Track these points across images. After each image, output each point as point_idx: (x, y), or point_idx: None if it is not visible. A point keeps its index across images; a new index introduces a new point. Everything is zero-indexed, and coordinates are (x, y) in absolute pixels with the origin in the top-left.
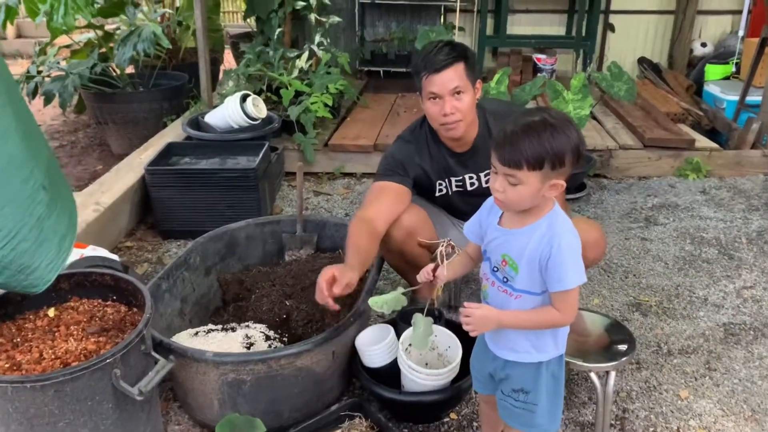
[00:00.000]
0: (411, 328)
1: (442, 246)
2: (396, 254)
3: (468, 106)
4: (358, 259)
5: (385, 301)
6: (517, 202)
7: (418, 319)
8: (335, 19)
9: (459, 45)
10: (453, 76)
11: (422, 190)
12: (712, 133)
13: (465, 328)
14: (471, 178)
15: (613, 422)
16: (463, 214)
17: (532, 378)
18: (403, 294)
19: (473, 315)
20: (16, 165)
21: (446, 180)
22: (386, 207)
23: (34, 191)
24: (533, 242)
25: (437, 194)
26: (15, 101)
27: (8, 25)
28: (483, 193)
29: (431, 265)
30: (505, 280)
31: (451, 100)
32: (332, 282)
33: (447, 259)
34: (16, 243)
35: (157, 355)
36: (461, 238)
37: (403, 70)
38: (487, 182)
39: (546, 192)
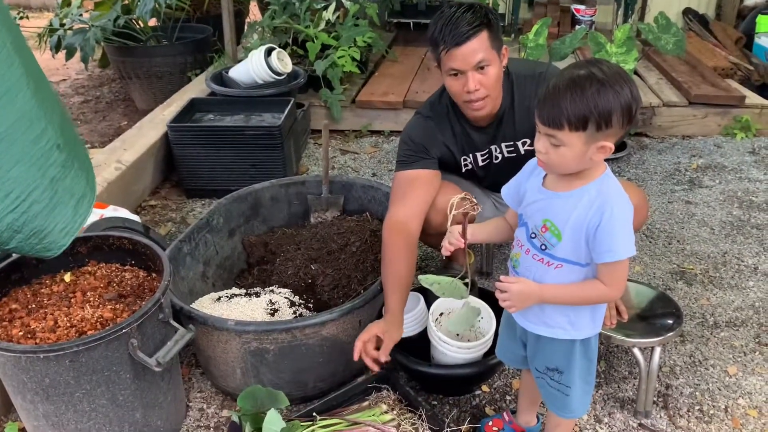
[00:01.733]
0: (444, 300)
1: (456, 198)
2: (436, 236)
3: (494, 80)
4: (400, 299)
5: (437, 281)
6: (560, 164)
7: (467, 304)
8: None
9: (480, 8)
10: (477, 47)
11: (448, 168)
12: (762, 89)
13: (503, 305)
14: (497, 150)
15: (655, 399)
16: (494, 186)
17: (565, 357)
18: (464, 283)
19: (510, 290)
20: (27, 122)
21: (471, 155)
22: (417, 201)
23: (47, 150)
24: (581, 208)
25: (463, 170)
26: (23, 54)
27: None
28: (508, 163)
29: (456, 228)
30: (543, 248)
31: (475, 74)
32: (374, 342)
33: (466, 216)
34: (28, 206)
35: (176, 324)
36: (494, 210)
37: None
38: (509, 152)
39: (593, 155)
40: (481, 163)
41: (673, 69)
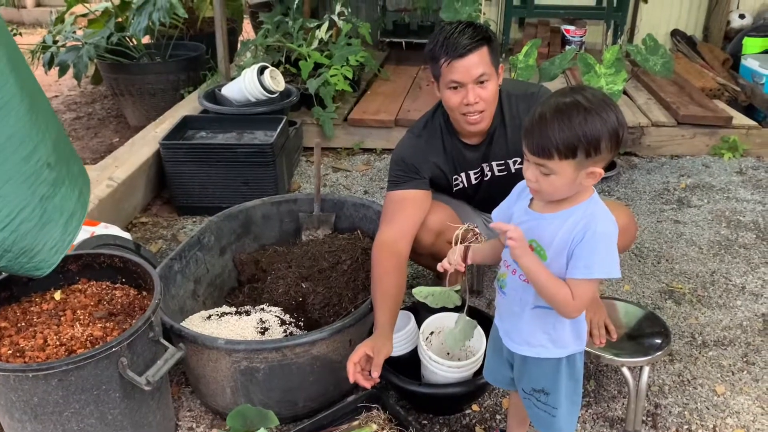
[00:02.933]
0: (434, 316)
1: (461, 230)
2: (426, 256)
3: (492, 95)
4: (389, 315)
5: (431, 293)
6: (551, 192)
7: (461, 319)
8: None
9: (481, 26)
10: (478, 61)
11: (439, 188)
12: (749, 110)
13: (510, 243)
14: (488, 168)
15: (644, 418)
16: (484, 205)
17: (551, 378)
18: (456, 291)
19: (516, 232)
20: (18, 141)
21: (464, 173)
22: (407, 221)
23: (37, 169)
24: (566, 228)
25: (454, 189)
26: (20, 72)
27: None
28: (499, 181)
29: (459, 249)
30: None
31: (475, 88)
32: (366, 360)
33: (469, 248)
34: (17, 225)
35: (166, 343)
36: (484, 229)
37: (426, 41)
38: (500, 171)
39: (583, 180)
40: (473, 182)
41: (661, 89)
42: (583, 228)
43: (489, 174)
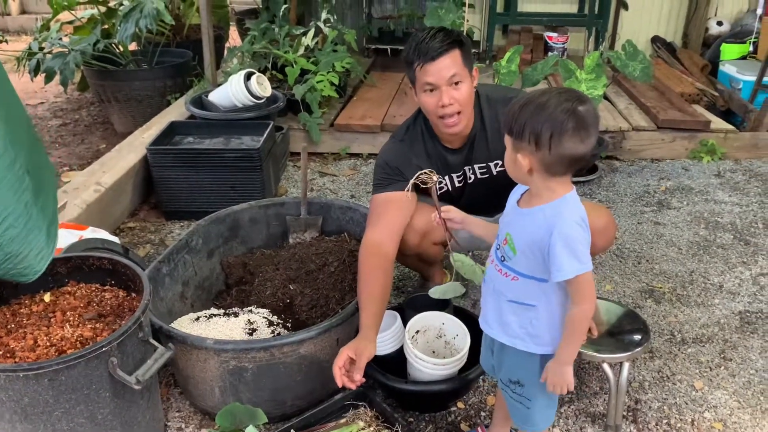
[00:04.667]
0: (419, 316)
1: (416, 177)
2: (412, 257)
3: (466, 96)
4: (373, 317)
5: (444, 291)
6: (506, 165)
7: (457, 256)
8: None
9: (453, 31)
10: (449, 63)
11: (423, 191)
12: (727, 115)
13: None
14: (470, 171)
15: (625, 413)
16: (470, 207)
17: (526, 370)
18: (462, 284)
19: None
20: (1, 149)
21: (447, 177)
22: (393, 222)
23: (20, 176)
24: (534, 226)
25: (439, 192)
26: None
27: (12, 0)
28: (482, 184)
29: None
30: (502, 258)
31: (449, 90)
32: (350, 363)
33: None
34: (4, 230)
35: (155, 343)
36: (471, 240)
37: None
38: (482, 173)
39: (520, 167)
40: (457, 184)
41: (642, 95)
42: (548, 230)
43: (472, 177)
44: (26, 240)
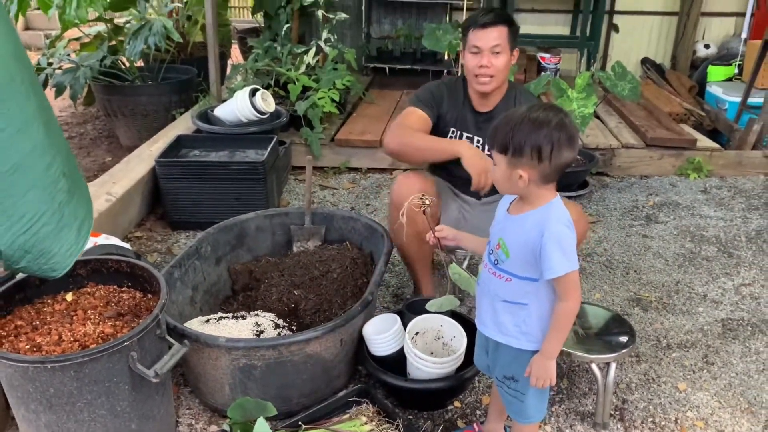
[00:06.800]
0: (419, 318)
1: (410, 201)
2: (411, 236)
3: (502, 66)
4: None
5: (441, 304)
6: (496, 184)
7: (454, 269)
8: (342, 15)
9: (506, 12)
10: (496, 35)
11: (436, 130)
12: (713, 134)
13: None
14: (478, 141)
15: (612, 412)
16: (465, 183)
17: (519, 365)
18: (458, 296)
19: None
20: (40, 151)
21: (459, 132)
22: (413, 127)
23: (56, 177)
24: (526, 230)
25: (449, 136)
26: (37, 91)
27: (19, 17)
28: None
29: (424, 220)
30: (495, 262)
31: (489, 55)
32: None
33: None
34: (39, 227)
35: (171, 340)
36: (458, 216)
37: (409, 67)
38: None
39: (518, 181)
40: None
41: (631, 114)
42: (539, 232)
43: (477, 147)
44: (58, 237)
